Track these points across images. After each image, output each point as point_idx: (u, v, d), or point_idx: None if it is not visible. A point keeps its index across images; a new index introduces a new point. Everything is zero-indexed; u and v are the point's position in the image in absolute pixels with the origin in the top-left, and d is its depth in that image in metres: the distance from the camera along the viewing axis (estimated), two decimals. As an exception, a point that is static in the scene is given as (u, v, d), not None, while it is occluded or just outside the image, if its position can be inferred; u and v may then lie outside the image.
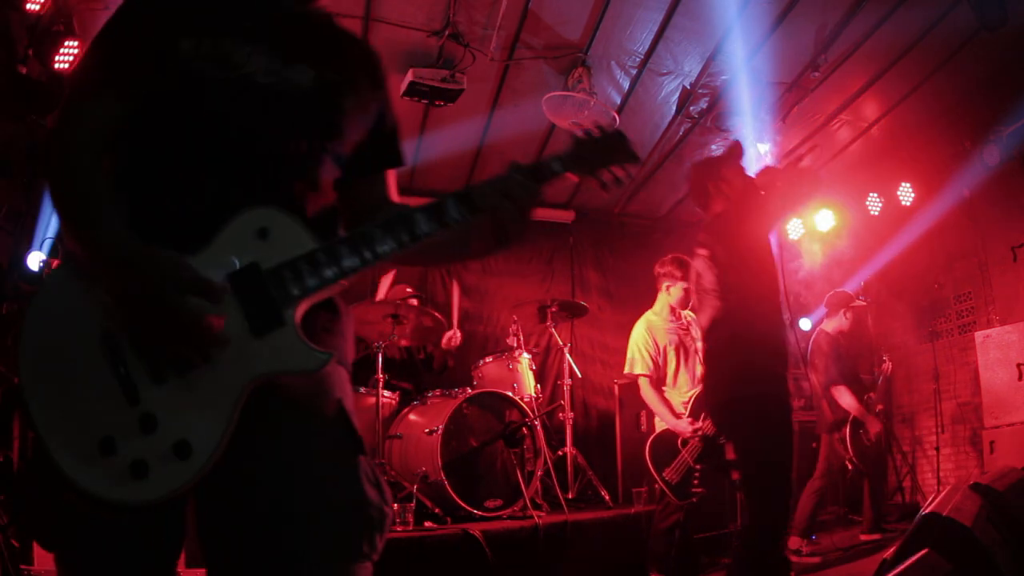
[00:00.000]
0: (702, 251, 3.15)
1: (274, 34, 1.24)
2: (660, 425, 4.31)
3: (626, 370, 4.52)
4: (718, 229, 3.13)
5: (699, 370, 4.44)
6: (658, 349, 4.41)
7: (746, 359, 2.92)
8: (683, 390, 4.40)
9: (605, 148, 1.37)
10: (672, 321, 4.50)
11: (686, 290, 4.37)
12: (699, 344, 4.47)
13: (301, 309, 1.13)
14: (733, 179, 3.12)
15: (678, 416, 4.21)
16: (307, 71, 1.25)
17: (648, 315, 4.56)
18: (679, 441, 4.15)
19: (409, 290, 5.55)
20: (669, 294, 4.46)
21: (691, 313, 4.56)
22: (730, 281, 3.01)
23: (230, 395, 1.07)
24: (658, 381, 4.40)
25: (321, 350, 1.12)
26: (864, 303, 5.42)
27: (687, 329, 4.53)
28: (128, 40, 1.19)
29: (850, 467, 5.01)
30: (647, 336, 4.43)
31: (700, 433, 4.09)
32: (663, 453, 4.20)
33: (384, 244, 1.18)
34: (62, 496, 1.08)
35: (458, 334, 5.50)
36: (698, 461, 4.13)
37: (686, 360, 4.46)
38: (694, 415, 4.19)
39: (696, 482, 4.11)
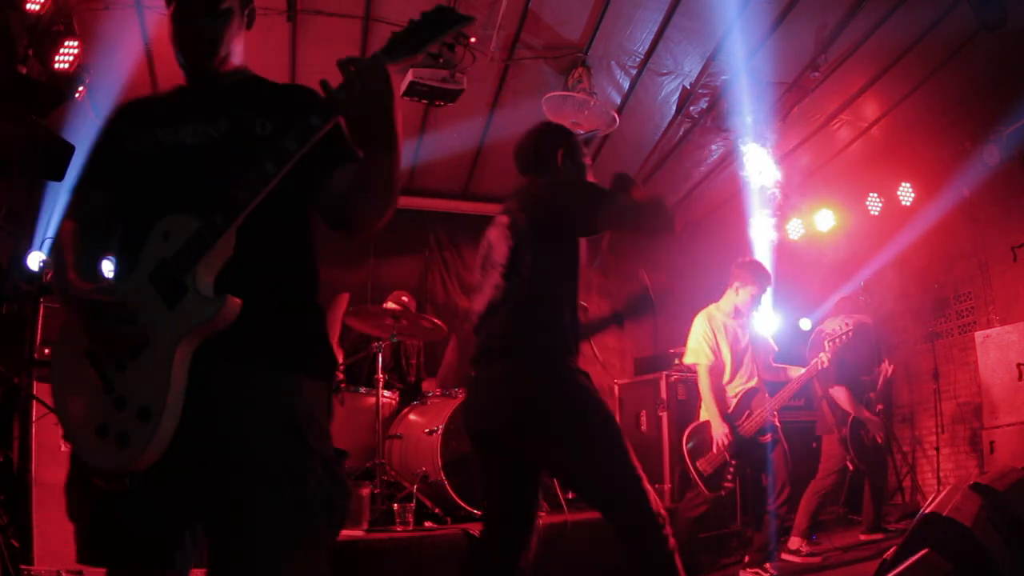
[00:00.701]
0: (502, 219, 2.64)
1: (200, 108, 1.61)
2: (705, 415, 4.34)
3: (686, 360, 4.55)
4: (535, 196, 2.63)
5: (751, 367, 4.49)
6: (715, 341, 4.44)
7: (545, 351, 2.41)
8: (735, 386, 4.43)
9: (428, 25, 1.44)
10: (733, 318, 4.53)
11: (754, 295, 4.45)
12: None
13: (200, 273, 1.40)
14: (579, 159, 2.77)
15: (725, 411, 4.26)
16: (224, 120, 1.58)
17: (710, 308, 4.59)
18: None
19: (405, 299, 5.54)
20: (738, 294, 4.50)
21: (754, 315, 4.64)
22: (525, 259, 2.46)
23: (165, 361, 1.37)
24: (717, 371, 4.42)
25: (213, 298, 1.39)
26: (868, 320, 5.40)
27: (745, 328, 4.57)
28: (96, 151, 1.67)
29: (851, 467, 5.00)
30: (707, 327, 4.47)
31: (728, 442, 4.13)
32: (700, 443, 4.24)
33: (246, 191, 1.42)
34: (88, 479, 1.43)
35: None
36: (734, 457, 4.16)
37: (741, 357, 4.49)
38: (739, 411, 4.27)
39: (729, 476, 4.15)
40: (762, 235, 6.61)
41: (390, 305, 5.45)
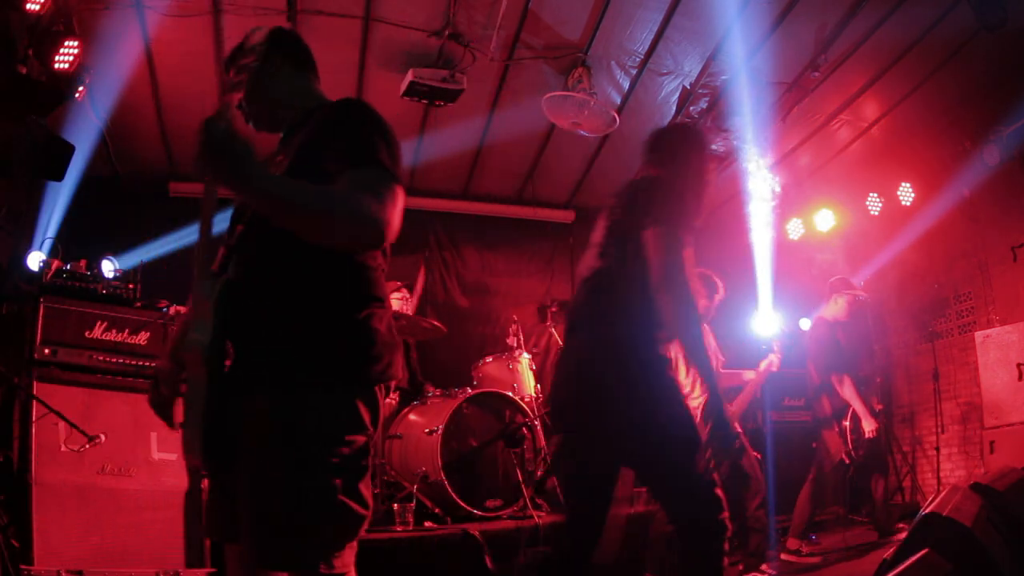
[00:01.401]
0: (611, 200, 2.68)
1: (275, 156, 1.83)
2: None
3: None
4: (642, 192, 2.58)
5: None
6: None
7: (623, 331, 2.37)
8: (696, 397, 4.38)
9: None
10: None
11: (705, 307, 4.40)
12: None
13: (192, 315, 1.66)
14: (698, 166, 2.70)
15: None
16: (282, 163, 1.73)
17: None
18: None
19: (399, 294, 5.54)
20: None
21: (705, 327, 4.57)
22: (616, 242, 2.51)
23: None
24: None
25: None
26: (864, 297, 5.36)
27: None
28: None
29: (847, 460, 4.93)
30: None
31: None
32: None
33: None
34: None
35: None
36: None
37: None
38: (702, 423, 4.20)
39: None
40: (762, 235, 6.61)
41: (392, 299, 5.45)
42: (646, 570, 4.14)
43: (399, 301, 5.46)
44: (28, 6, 3.83)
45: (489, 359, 5.16)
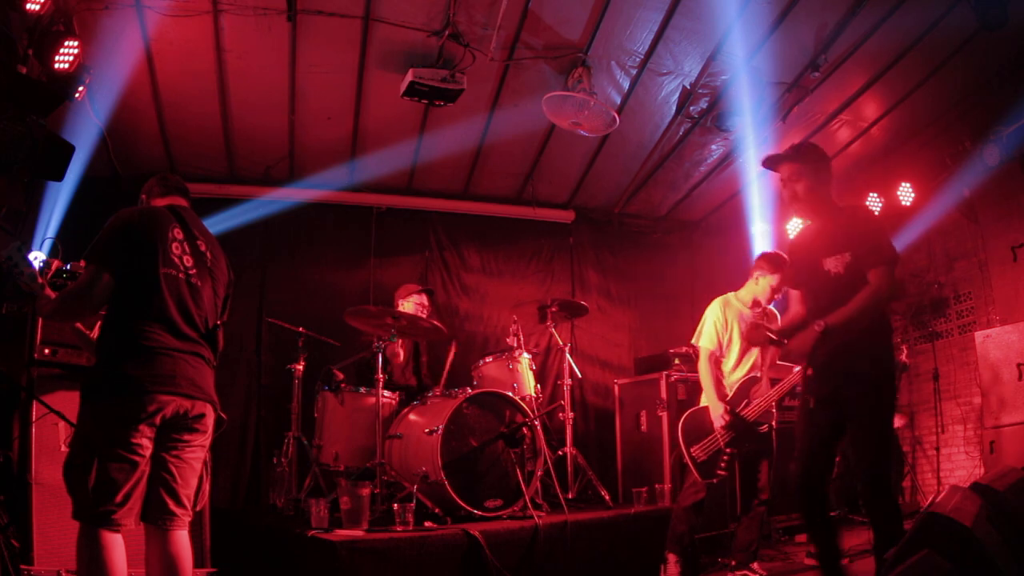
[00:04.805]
0: None
1: None
2: (704, 400, 4.31)
3: (692, 340, 4.50)
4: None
5: (756, 359, 4.44)
6: (726, 327, 4.41)
7: None
8: (737, 375, 4.38)
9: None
10: (750, 308, 4.50)
11: (773, 287, 4.41)
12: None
13: None
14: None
15: (723, 397, 4.23)
16: None
17: (729, 295, 4.54)
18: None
19: (415, 299, 5.54)
20: (757, 284, 4.46)
21: (774, 309, 4.58)
22: None
23: None
24: (717, 358, 4.40)
25: None
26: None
27: (762, 320, 4.50)
28: None
29: None
30: (720, 313, 4.43)
31: (727, 424, 4.10)
32: (696, 428, 4.19)
33: None
34: None
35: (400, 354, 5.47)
36: (729, 445, 4.12)
37: (748, 348, 4.44)
38: (737, 399, 4.23)
39: (723, 464, 4.11)
40: (762, 235, 6.61)
41: (407, 304, 5.47)
42: (669, 550, 4.14)
43: (415, 304, 5.47)
44: (28, 6, 3.83)
45: (489, 359, 5.16)
